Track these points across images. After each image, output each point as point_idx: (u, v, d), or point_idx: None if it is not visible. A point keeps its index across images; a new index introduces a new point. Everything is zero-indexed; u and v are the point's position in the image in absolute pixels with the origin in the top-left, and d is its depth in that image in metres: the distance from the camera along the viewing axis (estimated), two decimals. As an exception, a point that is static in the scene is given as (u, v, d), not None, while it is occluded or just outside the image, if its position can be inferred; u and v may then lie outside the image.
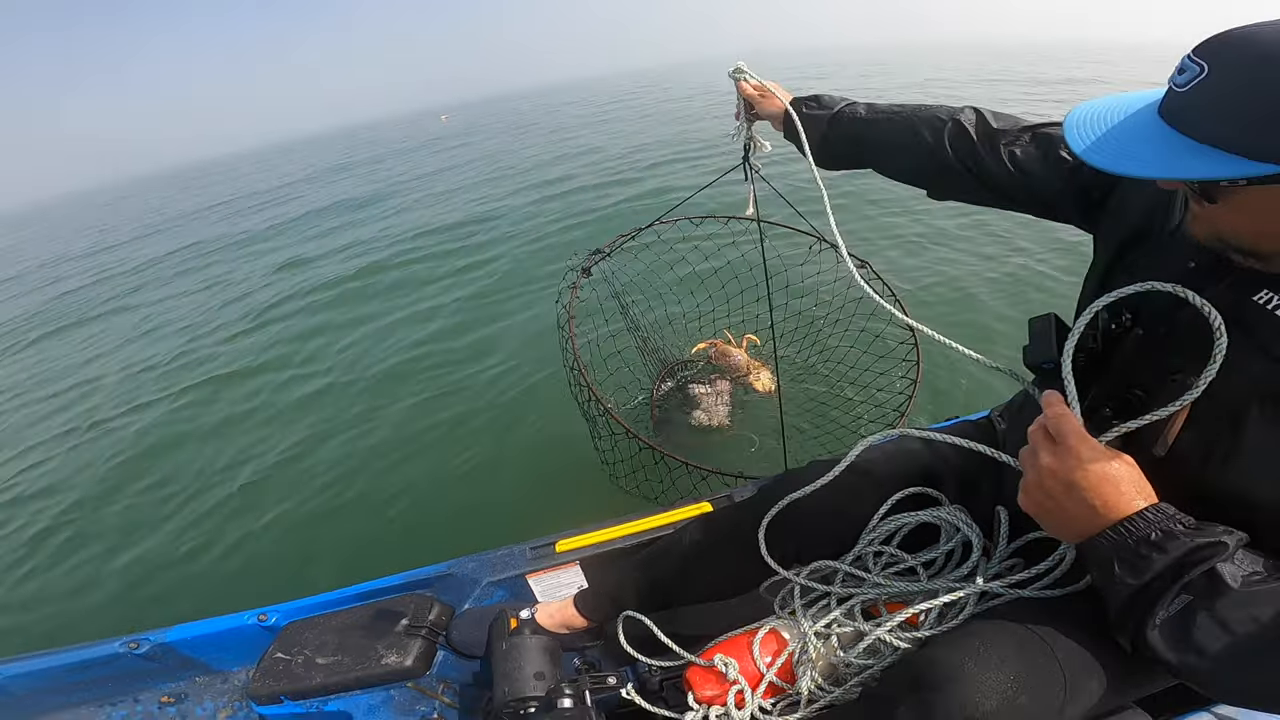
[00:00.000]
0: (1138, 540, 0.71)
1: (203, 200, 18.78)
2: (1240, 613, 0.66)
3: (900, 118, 1.21)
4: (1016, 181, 1.09)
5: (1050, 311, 0.93)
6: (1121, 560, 0.72)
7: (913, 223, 5.53)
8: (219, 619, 1.52)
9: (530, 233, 6.71)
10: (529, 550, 1.53)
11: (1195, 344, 0.74)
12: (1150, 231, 0.87)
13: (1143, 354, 0.83)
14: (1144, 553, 0.71)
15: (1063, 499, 0.76)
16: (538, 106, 31.61)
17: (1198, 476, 0.75)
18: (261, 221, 11.67)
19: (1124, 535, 0.72)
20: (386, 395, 3.87)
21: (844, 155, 1.31)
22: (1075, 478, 0.74)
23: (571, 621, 1.39)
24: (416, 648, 1.40)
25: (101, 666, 1.49)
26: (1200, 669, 0.68)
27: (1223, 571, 0.68)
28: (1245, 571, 0.68)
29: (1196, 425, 0.75)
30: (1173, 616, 0.69)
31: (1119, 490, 0.73)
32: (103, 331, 6.69)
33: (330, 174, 18.10)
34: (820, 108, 1.30)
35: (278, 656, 1.43)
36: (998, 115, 1.13)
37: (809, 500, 1.13)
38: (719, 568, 1.27)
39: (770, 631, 1.17)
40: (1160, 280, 0.77)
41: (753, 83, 1.39)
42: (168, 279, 8.59)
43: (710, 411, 2.87)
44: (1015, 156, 1.08)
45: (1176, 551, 0.69)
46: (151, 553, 2.94)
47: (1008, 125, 1.10)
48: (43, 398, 5.12)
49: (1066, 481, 0.75)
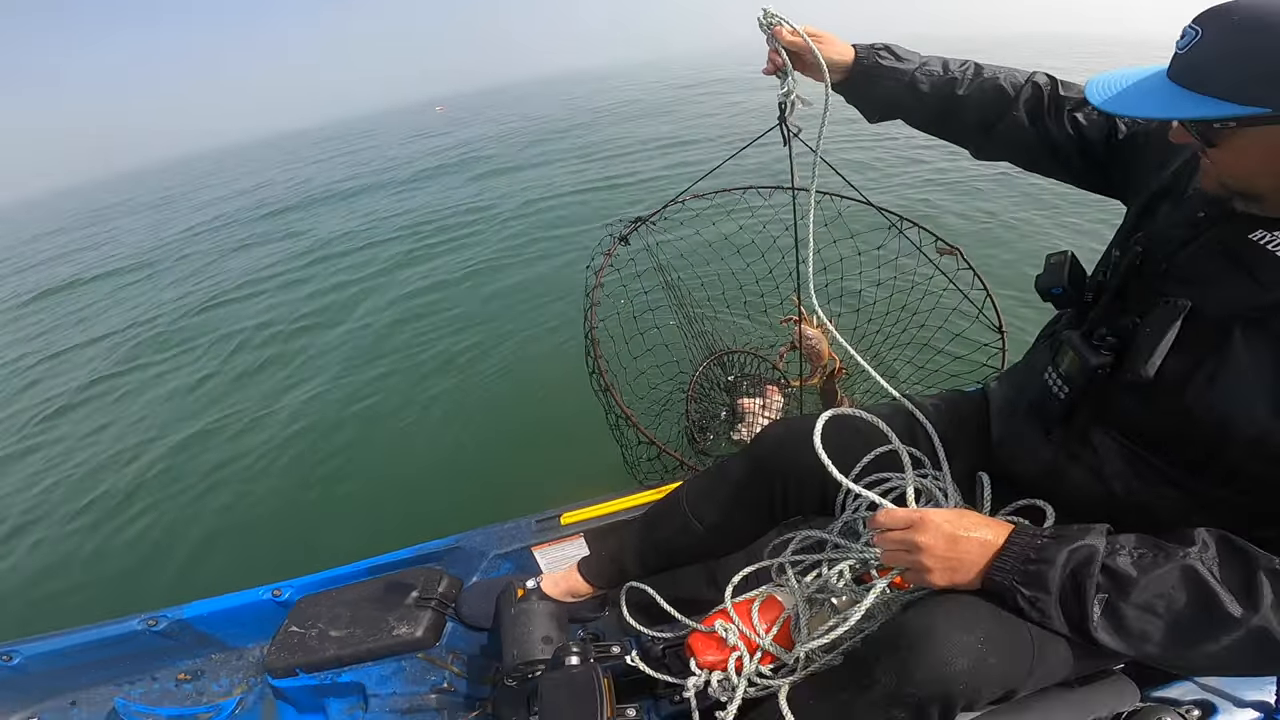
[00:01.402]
0: (1023, 566, 0.80)
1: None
2: (1155, 597, 0.74)
3: (982, 76, 1.21)
4: (1074, 146, 1.15)
5: (1068, 250, 1.04)
6: (1027, 585, 0.80)
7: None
8: (234, 595, 1.56)
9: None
10: (534, 523, 1.56)
11: (1185, 274, 0.84)
12: (1173, 190, 0.96)
13: (1144, 285, 0.91)
14: (1039, 574, 0.79)
15: (953, 552, 0.85)
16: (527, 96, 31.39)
17: (1181, 399, 0.81)
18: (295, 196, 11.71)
19: (1012, 560, 0.82)
20: (393, 371, 3.92)
21: (916, 109, 1.25)
22: (949, 530, 0.85)
23: (576, 588, 1.41)
24: (426, 619, 1.43)
25: (120, 645, 1.52)
26: (1154, 654, 0.76)
27: (1117, 565, 0.76)
28: (1133, 559, 0.77)
29: (1184, 348, 0.81)
30: (1104, 614, 0.77)
31: (985, 523, 0.86)
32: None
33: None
34: (897, 59, 1.21)
35: (292, 630, 1.47)
36: (1066, 84, 1.17)
37: (801, 452, 1.15)
38: (716, 521, 1.29)
39: (769, 598, 1.19)
40: (1176, 226, 0.88)
41: (791, 27, 1.20)
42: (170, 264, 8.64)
43: (752, 428, 2.56)
44: (1078, 122, 1.14)
45: (1059, 562, 0.78)
46: (164, 530, 3.00)
47: (1074, 93, 1.15)
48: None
49: (949, 536, 0.85)
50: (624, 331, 2.45)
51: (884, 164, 6.99)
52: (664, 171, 8.00)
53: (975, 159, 1.33)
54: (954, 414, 1.21)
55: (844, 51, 1.22)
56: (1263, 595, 0.70)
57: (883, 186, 6.05)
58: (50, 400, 4.69)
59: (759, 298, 2.93)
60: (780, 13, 1.21)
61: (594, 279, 2.07)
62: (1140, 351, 0.83)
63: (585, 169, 8.97)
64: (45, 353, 5.86)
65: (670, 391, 2.71)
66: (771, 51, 1.23)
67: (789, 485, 1.21)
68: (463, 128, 21.29)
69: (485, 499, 2.63)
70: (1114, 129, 1.11)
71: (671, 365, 2.71)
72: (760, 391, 2.66)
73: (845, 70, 1.23)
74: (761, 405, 2.58)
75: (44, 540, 3.14)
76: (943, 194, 5.79)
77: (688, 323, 2.75)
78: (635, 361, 2.47)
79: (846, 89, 1.26)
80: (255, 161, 28.45)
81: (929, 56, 1.24)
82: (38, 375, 5.29)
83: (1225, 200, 0.83)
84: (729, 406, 2.69)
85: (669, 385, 2.71)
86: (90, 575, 2.84)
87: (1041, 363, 1.03)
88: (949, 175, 6.22)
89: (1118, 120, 1.10)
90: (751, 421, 2.56)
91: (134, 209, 19.56)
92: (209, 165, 36.60)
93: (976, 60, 1.23)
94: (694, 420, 2.60)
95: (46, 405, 4.61)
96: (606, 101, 20.47)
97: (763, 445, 1.25)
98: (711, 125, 11.56)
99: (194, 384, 4.41)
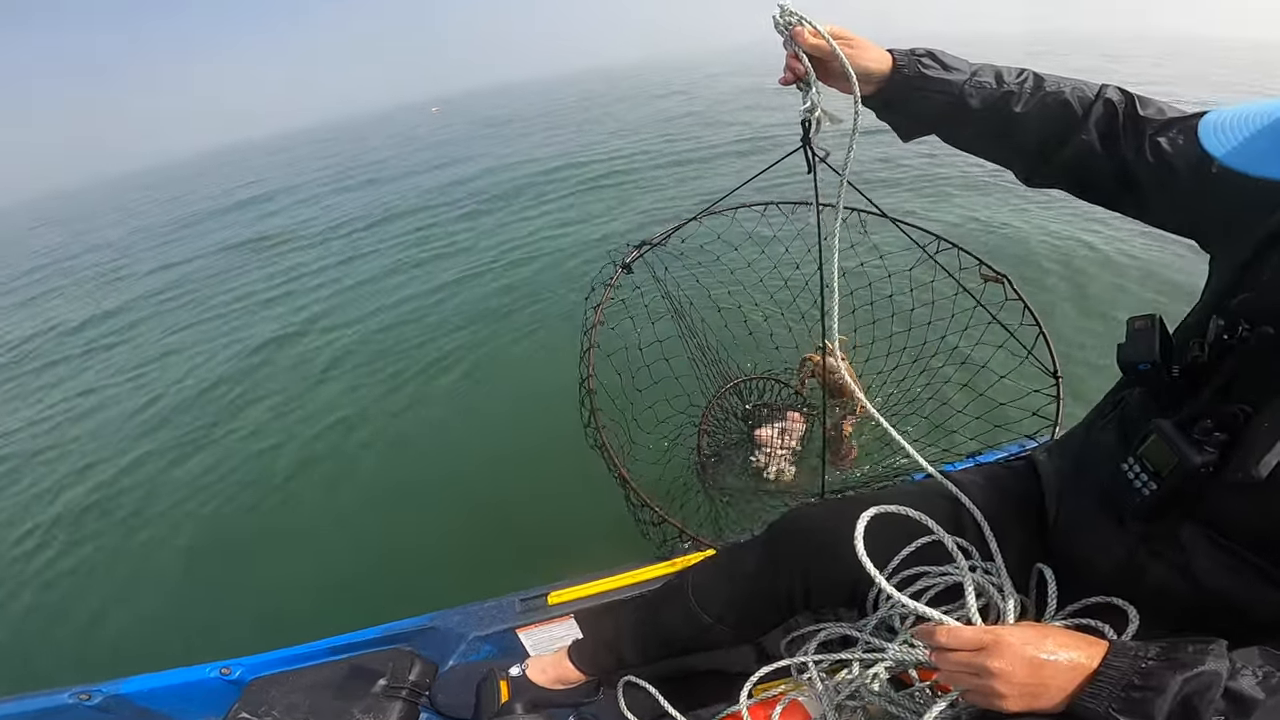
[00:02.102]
0: (1123, 686, 0.70)
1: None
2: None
3: (1044, 90, 1.03)
4: (1153, 178, 0.97)
5: (1155, 312, 0.87)
6: (1122, 711, 0.69)
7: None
8: (178, 671, 1.44)
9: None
10: (519, 601, 1.45)
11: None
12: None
13: (1254, 367, 0.78)
14: (1136, 697, 0.68)
15: (1035, 678, 0.74)
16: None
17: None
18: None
19: (1110, 686, 0.71)
20: (361, 425, 3.70)
21: (963, 128, 1.08)
22: (1030, 654, 0.74)
23: (567, 676, 1.30)
24: (396, 711, 1.31)
25: (50, 718, 1.41)
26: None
27: (1241, 688, 0.66)
28: (1258, 679, 0.67)
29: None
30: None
31: (1073, 642, 0.75)
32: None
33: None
34: (945, 69, 1.03)
35: (242, 717, 1.34)
36: (1144, 101, 1.00)
37: (825, 545, 1.05)
38: (727, 614, 1.17)
39: (792, 703, 1.06)
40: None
41: (813, 28, 1.01)
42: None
43: (771, 456, 2.46)
44: (1160, 147, 0.96)
45: (1173, 689, 0.67)
46: (105, 597, 2.78)
47: (1154, 113, 0.98)
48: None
49: (1030, 661, 0.74)
50: (629, 364, 2.24)
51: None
52: (667, 189, 7.85)
53: (1023, 184, 1.14)
54: (999, 492, 1.08)
55: (879, 59, 1.03)
56: None
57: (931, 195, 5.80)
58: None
59: (778, 320, 2.76)
60: (801, 10, 1.01)
61: (593, 315, 1.84)
62: (1254, 450, 0.71)
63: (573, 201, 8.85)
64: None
65: (681, 425, 2.53)
66: (790, 57, 1.03)
67: (811, 579, 1.08)
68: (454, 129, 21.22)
69: (463, 574, 2.44)
70: (1207, 159, 0.95)
71: (683, 399, 2.50)
72: (781, 418, 2.53)
73: (881, 80, 1.04)
74: (782, 432, 2.46)
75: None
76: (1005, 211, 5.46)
77: (699, 352, 2.54)
78: (642, 395, 2.29)
79: (881, 102, 1.07)
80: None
81: (979, 65, 1.05)
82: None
83: None
84: (747, 435, 2.57)
85: (680, 419, 2.52)
86: (22, 646, 2.63)
87: (1110, 442, 0.92)
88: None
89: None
90: (771, 452, 2.45)
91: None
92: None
93: (1035, 70, 1.05)
94: (705, 454, 2.46)
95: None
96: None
97: (781, 533, 1.13)
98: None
99: (146, 426, 4.19)
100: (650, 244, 1.96)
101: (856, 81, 0.99)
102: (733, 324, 2.75)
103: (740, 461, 2.49)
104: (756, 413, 2.59)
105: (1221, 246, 0.94)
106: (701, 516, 2.04)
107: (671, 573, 1.41)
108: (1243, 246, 0.86)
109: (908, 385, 2.46)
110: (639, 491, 1.70)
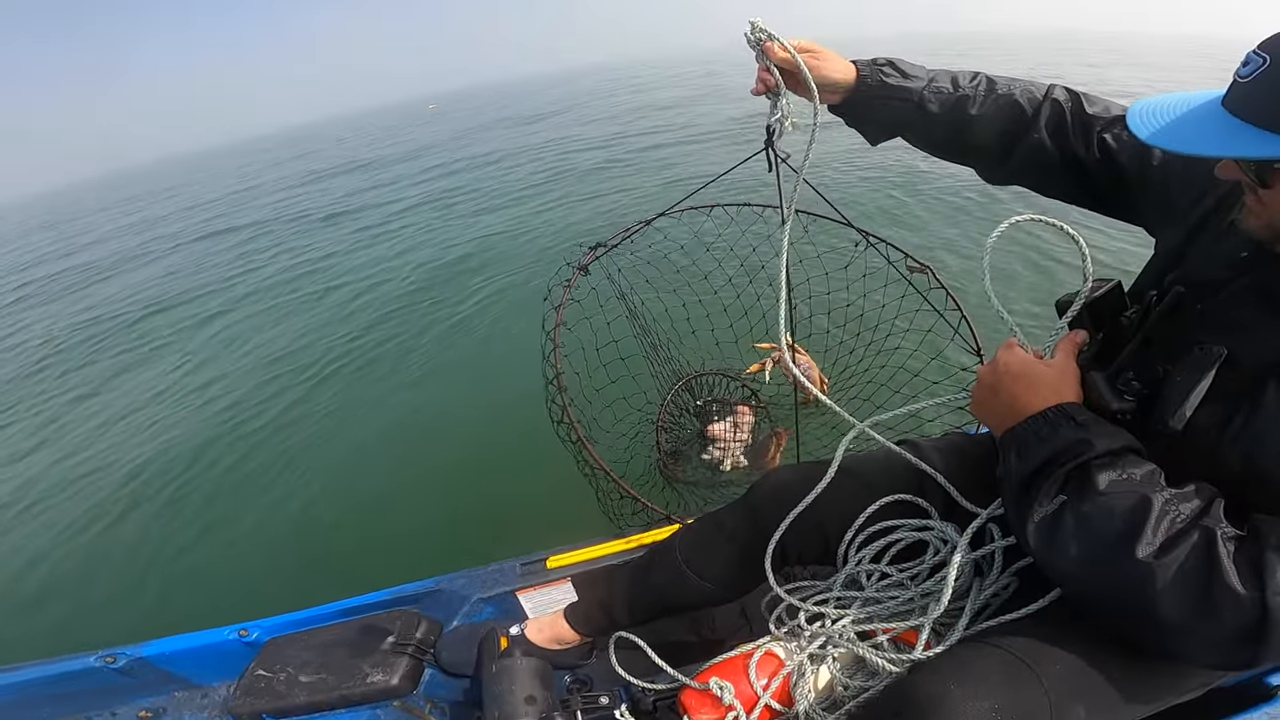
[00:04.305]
0: (1030, 432, 0.83)
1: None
2: (1099, 514, 0.75)
3: (996, 93, 1.10)
4: (1102, 171, 1.06)
5: (1118, 280, 0.98)
6: (1016, 450, 0.84)
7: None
8: (198, 634, 1.49)
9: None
10: (519, 566, 1.51)
11: (1222, 320, 0.80)
12: (1208, 224, 0.91)
13: (1176, 328, 0.86)
14: (1031, 444, 0.82)
15: (989, 400, 0.90)
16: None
17: (1213, 451, 0.76)
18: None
19: (1025, 428, 0.83)
20: (372, 403, 3.80)
21: (924, 131, 1.14)
22: (995, 380, 0.89)
23: (563, 636, 1.36)
24: (403, 666, 1.37)
25: (76, 680, 1.45)
26: (1059, 569, 0.79)
27: (1095, 473, 0.76)
28: (1119, 476, 0.76)
29: (1217, 398, 0.76)
30: (1049, 515, 0.78)
31: (1030, 390, 0.85)
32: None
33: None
34: (904, 76, 1.10)
35: (259, 674, 1.40)
36: (1090, 99, 1.08)
37: (797, 498, 1.12)
38: (713, 572, 1.24)
39: (767, 653, 1.14)
40: (1215, 266, 0.84)
41: (781, 43, 1.07)
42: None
43: (726, 450, 2.55)
44: (1106, 143, 1.05)
45: (1055, 443, 0.80)
46: (128, 565, 2.87)
47: (1100, 111, 1.07)
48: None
49: (990, 385, 0.89)
50: (587, 364, 2.31)
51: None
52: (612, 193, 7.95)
53: (987, 183, 1.24)
54: (957, 455, 1.15)
55: (844, 70, 1.10)
56: (1175, 552, 0.70)
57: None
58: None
59: (724, 317, 2.82)
60: (770, 27, 1.07)
61: (554, 316, 1.89)
62: (1169, 402, 0.78)
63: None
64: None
65: (638, 423, 2.60)
66: (761, 69, 1.10)
67: (787, 535, 1.15)
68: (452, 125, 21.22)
69: (466, 540, 2.54)
70: (1148, 153, 1.01)
71: (639, 396, 2.58)
72: (731, 412, 2.62)
73: (847, 90, 1.11)
74: (733, 425, 2.55)
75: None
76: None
77: (653, 350, 2.61)
78: (599, 394, 2.37)
79: (847, 110, 1.15)
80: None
81: (935, 71, 1.13)
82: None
83: (1269, 242, 0.78)
84: (699, 431, 2.64)
85: (636, 416, 2.58)
86: (42, 607, 2.73)
87: None
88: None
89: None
90: (726, 445, 2.52)
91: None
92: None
93: (987, 73, 1.12)
94: (665, 451, 2.51)
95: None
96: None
97: (759, 495, 1.21)
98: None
99: (162, 411, 4.28)
100: (606, 246, 2.01)
101: (816, 91, 1.07)
102: (681, 322, 2.82)
103: (696, 456, 2.56)
104: (708, 408, 2.66)
105: (1161, 231, 1.02)
106: (671, 509, 2.11)
107: (661, 538, 1.48)
108: (1177, 231, 0.95)
109: (866, 363, 2.61)
110: (621, 483, 1.78)
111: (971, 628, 0.96)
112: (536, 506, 2.67)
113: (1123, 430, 0.80)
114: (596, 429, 2.32)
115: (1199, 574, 0.68)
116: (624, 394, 2.48)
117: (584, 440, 1.79)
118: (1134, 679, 0.82)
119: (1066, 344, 0.90)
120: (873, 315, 2.55)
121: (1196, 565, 0.69)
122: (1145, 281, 0.98)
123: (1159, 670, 0.84)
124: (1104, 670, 0.81)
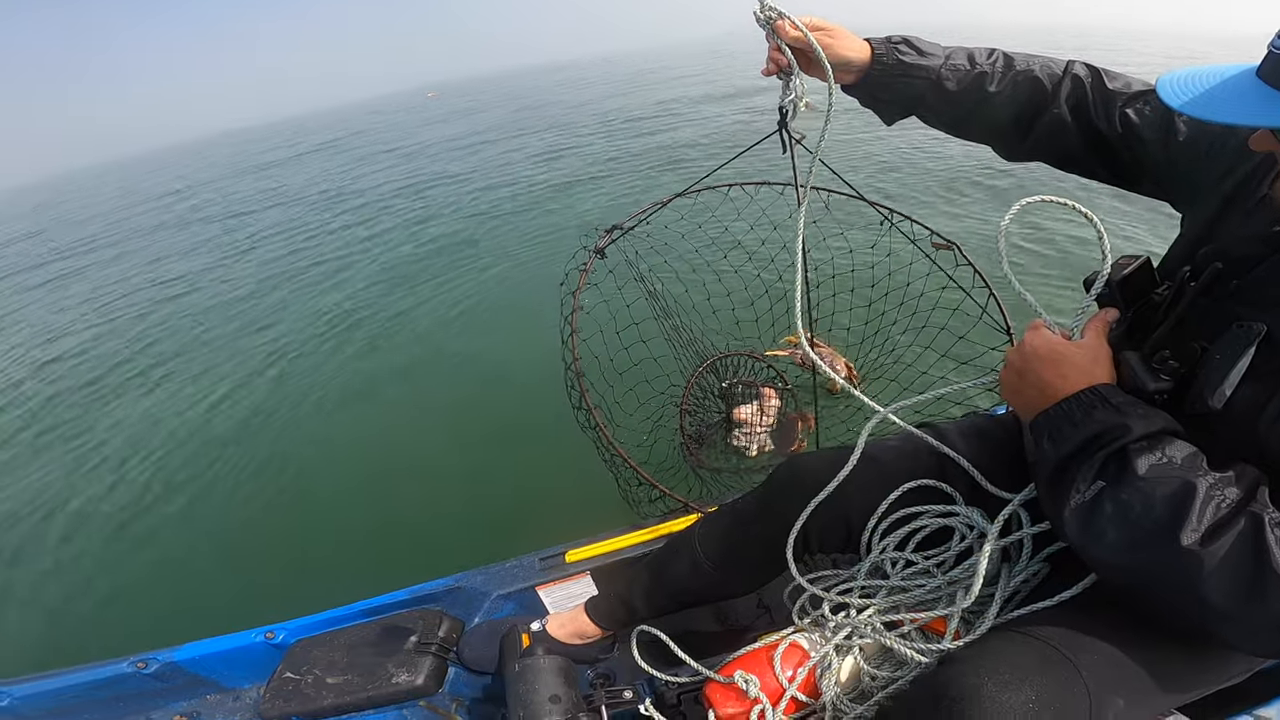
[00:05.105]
0: (1062, 416, 0.80)
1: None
2: (1139, 501, 0.72)
3: (1014, 69, 1.07)
4: (1124, 146, 1.03)
5: (1146, 255, 0.94)
6: (1049, 434, 0.81)
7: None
8: (225, 637, 1.51)
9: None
10: (538, 561, 1.51)
11: (1259, 296, 0.77)
12: (1239, 198, 0.88)
13: (1213, 304, 0.83)
14: (1064, 428, 0.79)
15: (1018, 384, 0.87)
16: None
17: (1251, 430, 0.74)
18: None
19: (1057, 411, 0.81)
20: (388, 407, 3.79)
21: (942, 110, 1.11)
22: (1023, 364, 0.86)
23: (584, 630, 1.36)
24: (427, 665, 1.37)
25: (111, 686, 1.47)
26: (1097, 556, 0.76)
27: (1134, 458, 0.74)
28: (1159, 460, 0.73)
29: (1255, 376, 0.74)
30: (1086, 501, 0.76)
31: (1061, 374, 0.82)
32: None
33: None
34: (920, 54, 1.06)
35: (287, 676, 1.42)
36: (1110, 74, 1.05)
37: (818, 486, 1.10)
38: (732, 565, 1.23)
39: (791, 644, 1.12)
40: (1246, 241, 0.81)
41: (793, 21, 1.03)
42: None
43: (751, 434, 2.49)
44: (1128, 118, 1.01)
45: (1090, 427, 0.77)
46: (153, 570, 2.91)
47: (1121, 86, 1.03)
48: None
49: (1018, 369, 0.87)
50: (607, 348, 2.29)
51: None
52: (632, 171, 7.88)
53: (1005, 160, 1.19)
54: (979, 437, 1.12)
55: (858, 49, 1.06)
56: (1222, 539, 0.68)
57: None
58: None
59: (746, 295, 2.79)
60: (781, 4, 1.04)
61: (571, 300, 1.86)
62: (1209, 381, 0.76)
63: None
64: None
65: (661, 406, 2.56)
66: (772, 49, 1.07)
67: (808, 524, 1.13)
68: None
69: (485, 536, 2.52)
70: (1172, 127, 0.98)
71: (662, 379, 2.54)
72: (756, 394, 2.57)
73: (861, 69, 1.07)
74: (759, 409, 2.50)
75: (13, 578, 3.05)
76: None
77: (675, 332, 2.57)
78: (621, 379, 2.34)
79: (862, 90, 1.11)
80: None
81: (951, 48, 1.09)
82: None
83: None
84: (724, 413, 2.60)
85: (659, 400, 2.55)
86: (70, 613, 2.75)
87: None
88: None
89: (1175, 118, 0.98)
90: (751, 429, 2.48)
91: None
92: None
93: (1004, 50, 1.09)
94: (689, 434, 2.48)
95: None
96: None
97: (778, 483, 1.18)
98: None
99: (178, 411, 4.28)
100: (622, 228, 1.97)
101: (831, 70, 1.04)
102: (703, 302, 2.80)
103: (722, 441, 2.53)
104: (732, 391, 2.62)
105: (1188, 208, 0.99)
106: (693, 497, 2.10)
107: (680, 529, 1.46)
108: (1205, 206, 0.92)
109: (890, 343, 2.58)
110: (639, 470, 1.75)
111: (1002, 616, 0.94)
112: (555, 498, 2.66)
113: (1160, 412, 0.77)
114: (619, 413, 2.30)
115: (1247, 561, 0.66)
116: (646, 377, 2.45)
117: (601, 426, 1.77)
118: (1174, 667, 0.80)
119: (1096, 323, 0.87)
120: (897, 294, 2.50)
121: (1244, 552, 0.66)
122: (1175, 258, 0.95)
123: (1203, 655, 0.82)
124: (1143, 659, 0.78)
